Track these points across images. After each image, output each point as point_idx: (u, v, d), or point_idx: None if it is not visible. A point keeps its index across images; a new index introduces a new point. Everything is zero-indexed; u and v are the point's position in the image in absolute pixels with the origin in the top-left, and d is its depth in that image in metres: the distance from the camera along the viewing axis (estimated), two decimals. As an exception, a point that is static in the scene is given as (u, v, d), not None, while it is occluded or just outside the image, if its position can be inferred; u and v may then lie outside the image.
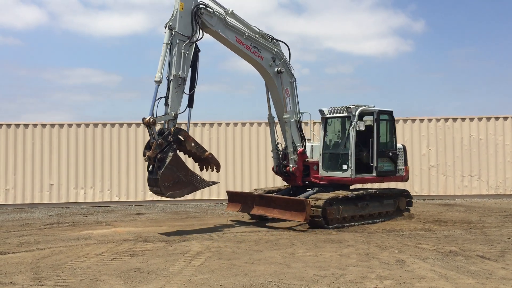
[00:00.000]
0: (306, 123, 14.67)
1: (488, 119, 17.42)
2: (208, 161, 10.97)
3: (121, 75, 43.82)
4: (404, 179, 12.67)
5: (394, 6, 45.66)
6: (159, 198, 16.53)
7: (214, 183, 11.51)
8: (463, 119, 17.49)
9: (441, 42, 42.85)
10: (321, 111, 12.51)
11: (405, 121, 17.56)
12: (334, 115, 12.26)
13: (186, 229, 11.03)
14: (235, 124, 17.31)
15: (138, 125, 16.76)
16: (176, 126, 10.42)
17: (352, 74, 44.26)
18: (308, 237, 9.70)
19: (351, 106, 11.62)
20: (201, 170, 11.32)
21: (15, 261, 7.84)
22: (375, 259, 7.62)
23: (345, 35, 42.92)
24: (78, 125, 16.73)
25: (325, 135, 12.40)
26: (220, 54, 12.73)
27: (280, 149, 12.56)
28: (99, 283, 6.42)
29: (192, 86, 10.99)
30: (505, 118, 17.37)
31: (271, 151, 12.90)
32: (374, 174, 11.58)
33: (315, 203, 10.65)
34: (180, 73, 10.36)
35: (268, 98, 12.51)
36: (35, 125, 16.52)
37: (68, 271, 7.05)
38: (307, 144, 12.49)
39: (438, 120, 17.56)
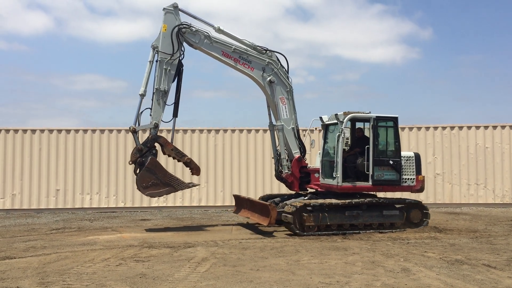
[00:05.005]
0: (312, 130, 14.77)
1: (495, 127, 17.37)
2: (187, 165, 12.02)
3: (126, 81, 44.05)
4: (415, 189, 11.80)
5: (402, 14, 45.69)
6: (164, 204, 16.64)
7: (193, 185, 12.46)
8: (469, 127, 17.46)
9: (449, 50, 42.83)
10: (320, 118, 12.58)
11: (411, 129, 17.55)
12: (330, 122, 12.23)
13: (191, 236, 11.06)
14: (241, 130, 17.35)
15: (144, 131, 16.82)
16: (158, 133, 11.74)
17: (359, 81, 44.26)
18: (313, 245, 9.69)
19: (339, 113, 11.54)
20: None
21: (22, 266, 7.88)
22: (380, 267, 7.60)
23: (352, 42, 42.98)
24: (85, 130, 16.84)
25: (325, 142, 12.44)
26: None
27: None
28: (104, 288, 6.45)
29: (176, 97, 12.03)
30: (512, 127, 17.33)
31: (272, 158, 13.33)
32: (370, 182, 11.32)
33: (289, 209, 10.89)
34: (161, 87, 11.58)
35: (268, 106, 12.91)
36: (42, 131, 16.63)
37: (74, 276, 7.08)
38: (306, 151, 12.70)
39: (444, 128, 17.53)
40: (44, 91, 42.54)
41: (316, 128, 14.38)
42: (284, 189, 16.59)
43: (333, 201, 11.05)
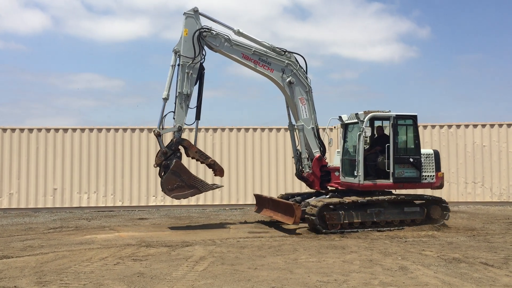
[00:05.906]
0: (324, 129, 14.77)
1: (492, 126, 17.41)
2: (211, 167, 12.18)
3: (124, 80, 43.96)
4: (435, 186, 12.03)
5: (400, 12, 45.75)
6: (162, 203, 16.62)
7: (217, 186, 12.58)
8: (466, 126, 17.49)
9: (447, 49, 42.88)
10: (340, 118, 12.69)
11: (408, 127, 17.54)
12: (350, 121, 12.37)
13: (189, 234, 11.06)
14: (239, 129, 17.35)
15: (142, 130, 16.86)
16: (182, 136, 11.81)
17: (357, 80, 44.26)
18: (311, 243, 9.70)
19: (359, 112, 11.68)
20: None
21: (19, 265, 7.87)
22: (378, 266, 7.61)
23: (350, 41, 42.98)
24: (82, 129, 16.80)
25: (344, 141, 12.59)
26: (225, 60, 12.99)
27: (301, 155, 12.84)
28: (102, 287, 6.44)
29: (199, 100, 12.21)
30: (509, 125, 17.35)
31: (292, 157, 13.58)
32: (391, 180, 11.46)
33: (312, 208, 10.95)
34: (184, 90, 11.72)
35: (287, 106, 13.06)
36: (39, 130, 16.59)
37: (72, 276, 7.07)
38: (327, 150, 12.89)
39: (441, 126, 17.57)
40: (42, 90, 42.46)
41: (325, 128, 14.20)
42: (281, 188, 16.65)
43: (359, 198, 11.19)
